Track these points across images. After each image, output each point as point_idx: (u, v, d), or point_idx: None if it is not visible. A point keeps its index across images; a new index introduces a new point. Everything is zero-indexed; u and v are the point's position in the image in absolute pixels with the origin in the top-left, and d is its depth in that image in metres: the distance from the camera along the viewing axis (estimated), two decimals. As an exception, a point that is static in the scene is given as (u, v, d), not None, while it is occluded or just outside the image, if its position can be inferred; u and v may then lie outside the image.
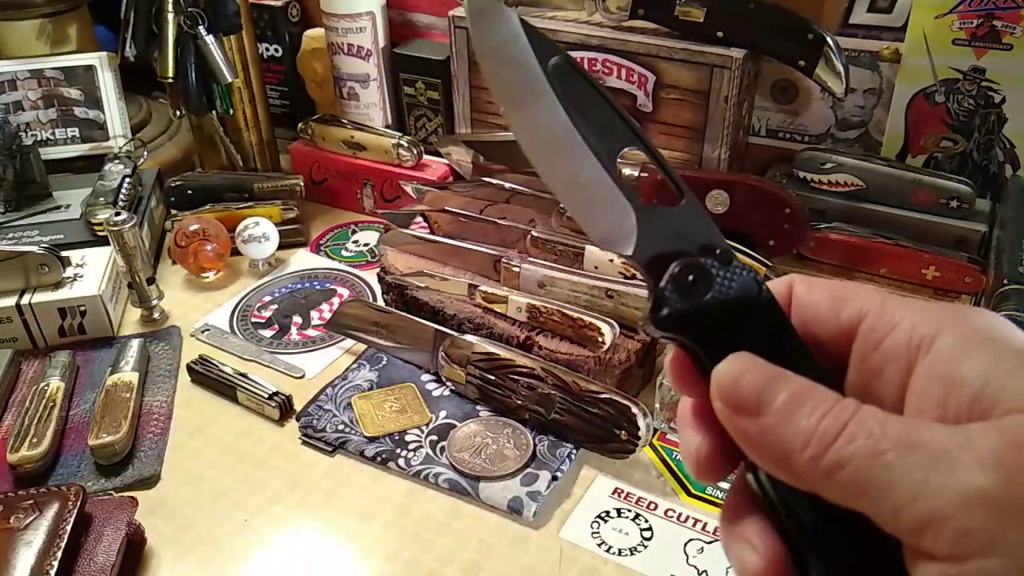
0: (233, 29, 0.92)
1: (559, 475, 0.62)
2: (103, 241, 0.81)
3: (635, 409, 0.60)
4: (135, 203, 0.89)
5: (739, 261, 0.24)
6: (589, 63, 0.83)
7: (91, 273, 0.79)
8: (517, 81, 0.25)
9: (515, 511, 0.60)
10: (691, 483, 0.63)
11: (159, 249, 0.93)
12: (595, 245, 0.25)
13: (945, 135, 0.78)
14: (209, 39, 0.90)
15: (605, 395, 0.61)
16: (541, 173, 0.26)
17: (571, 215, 0.25)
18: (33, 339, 0.78)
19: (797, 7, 0.76)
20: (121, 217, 0.76)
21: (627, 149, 0.27)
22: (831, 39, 0.74)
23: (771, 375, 0.22)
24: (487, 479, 0.62)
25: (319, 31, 1.01)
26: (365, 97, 0.98)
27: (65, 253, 0.79)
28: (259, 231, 0.86)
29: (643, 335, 0.68)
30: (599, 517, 0.60)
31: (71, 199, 0.91)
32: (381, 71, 0.97)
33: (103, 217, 0.81)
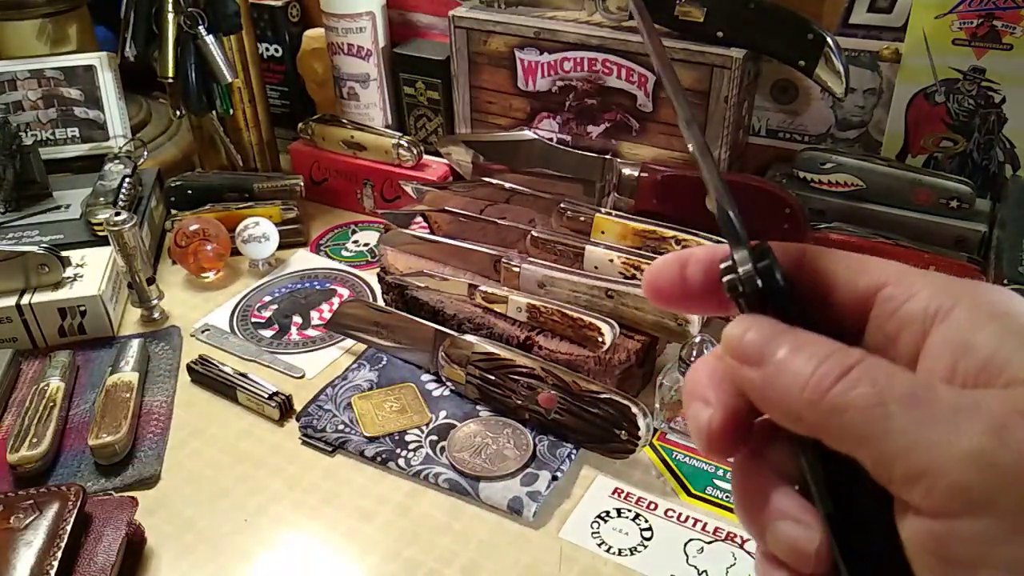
0: (233, 29, 0.92)
1: (559, 475, 0.62)
2: (103, 241, 0.81)
3: (635, 409, 0.60)
4: (135, 203, 0.90)
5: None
6: (589, 63, 0.83)
7: (91, 273, 0.79)
8: None
9: (515, 511, 0.60)
10: (691, 483, 0.63)
11: (159, 249, 0.93)
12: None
13: (945, 135, 0.78)
14: (209, 39, 0.90)
15: (605, 395, 0.61)
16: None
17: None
18: (33, 339, 0.78)
19: (797, 7, 0.76)
20: (121, 217, 0.77)
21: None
22: (831, 39, 0.74)
23: (777, 330, 0.22)
24: (487, 479, 0.62)
25: (319, 31, 1.01)
26: (365, 97, 0.98)
27: (65, 253, 0.79)
28: (259, 231, 0.86)
29: (644, 336, 0.68)
30: (599, 517, 0.60)
31: (71, 199, 0.91)
32: (381, 71, 0.97)
33: (103, 217, 0.81)
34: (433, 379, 0.72)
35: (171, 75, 0.90)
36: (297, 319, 0.81)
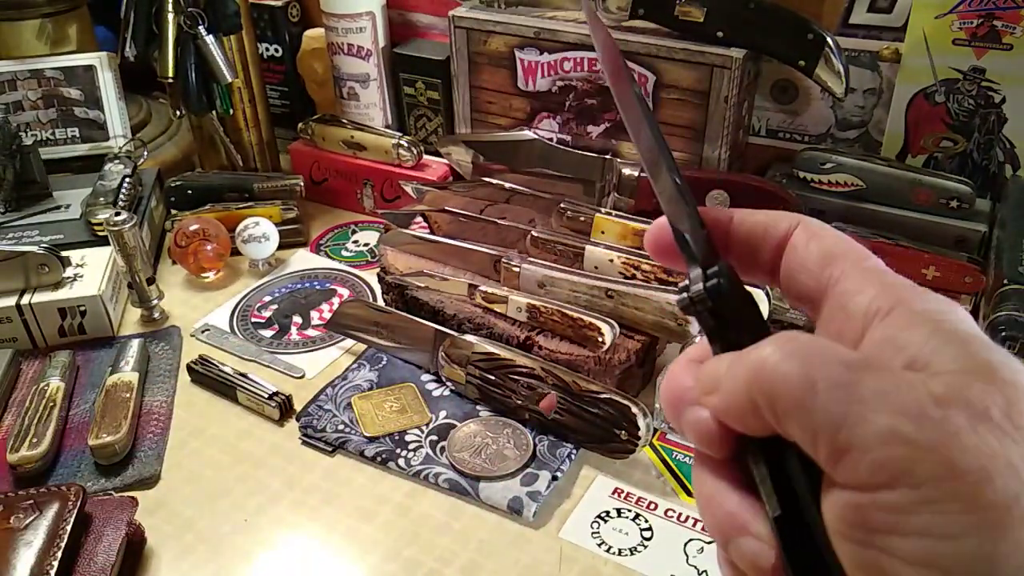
0: (233, 29, 0.92)
1: (559, 475, 0.62)
2: (103, 241, 0.81)
3: (635, 409, 0.60)
4: (135, 203, 0.90)
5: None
6: (589, 63, 0.83)
7: (91, 273, 0.79)
8: None
9: (515, 511, 0.60)
10: (691, 483, 0.62)
11: (159, 249, 0.93)
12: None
13: (945, 135, 0.78)
14: (209, 39, 0.90)
15: (605, 395, 0.61)
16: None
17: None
18: (33, 339, 0.78)
19: (797, 7, 0.76)
20: (121, 217, 0.77)
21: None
22: (831, 39, 0.74)
23: (726, 357, 0.24)
24: (487, 479, 0.62)
25: (319, 31, 1.01)
26: (365, 97, 0.98)
27: (65, 253, 0.79)
28: (259, 231, 0.86)
29: (644, 336, 0.68)
30: (599, 517, 0.60)
31: (71, 199, 0.91)
32: (381, 71, 0.97)
33: (103, 217, 0.81)
34: (433, 379, 0.72)
35: (171, 75, 0.90)
36: (297, 319, 0.81)
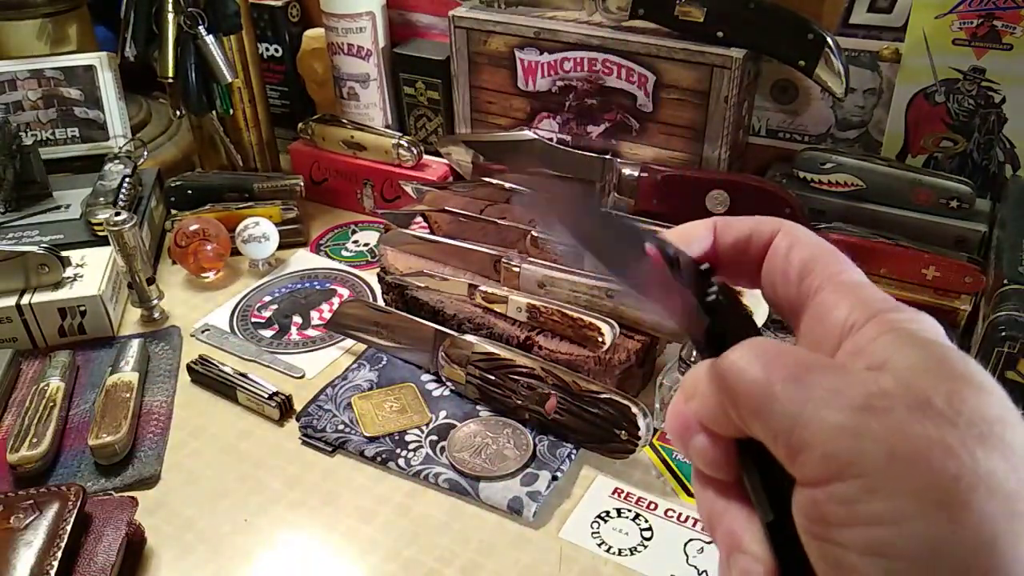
0: (233, 29, 0.92)
1: (559, 475, 0.62)
2: (103, 241, 0.81)
3: (635, 409, 0.60)
4: (135, 203, 0.90)
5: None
6: (589, 63, 0.83)
7: (91, 273, 0.79)
8: None
9: (515, 511, 0.60)
10: (691, 483, 0.62)
11: (159, 249, 0.93)
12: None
13: (945, 135, 0.78)
14: (209, 39, 0.90)
15: (605, 395, 0.61)
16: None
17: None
18: (33, 339, 0.78)
19: (797, 7, 0.76)
20: (121, 217, 0.76)
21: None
22: (831, 39, 0.74)
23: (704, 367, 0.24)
24: (487, 479, 0.62)
25: (319, 31, 1.01)
26: (365, 97, 0.98)
27: (65, 253, 0.79)
28: (259, 231, 0.86)
29: (644, 336, 0.68)
30: (599, 517, 0.60)
31: (71, 199, 0.91)
32: (381, 71, 0.97)
33: (103, 217, 0.81)
34: (433, 379, 0.72)
35: (171, 75, 0.90)
36: (297, 319, 0.81)
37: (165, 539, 0.60)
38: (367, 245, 0.93)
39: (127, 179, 0.89)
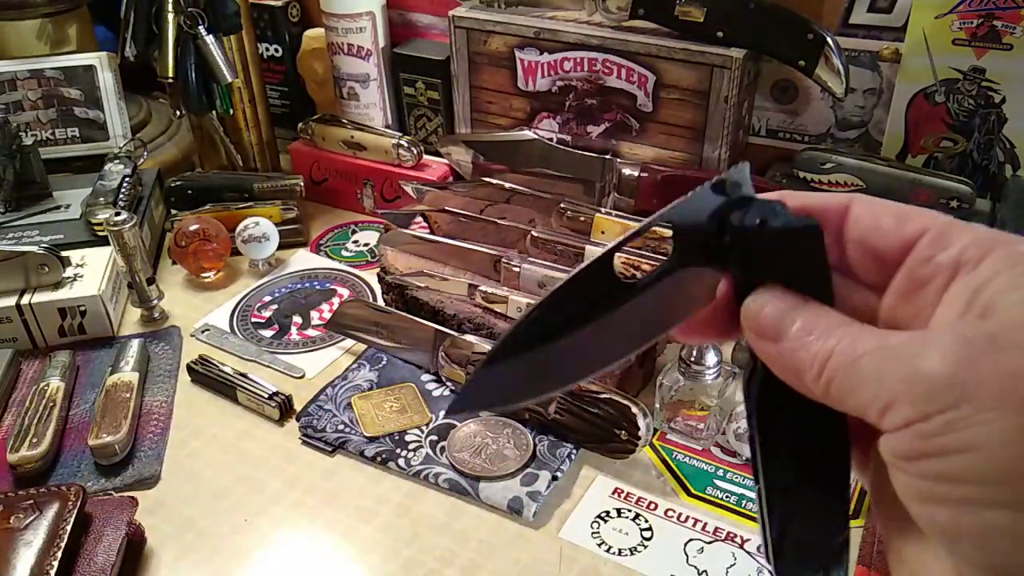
0: (233, 29, 0.92)
1: (559, 475, 0.62)
2: (103, 241, 0.81)
3: (635, 409, 0.60)
4: (135, 203, 0.89)
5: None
6: (589, 63, 0.83)
7: (91, 273, 0.79)
8: None
9: (515, 511, 0.60)
10: (691, 483, 0.63)
11: (159, 249, 0.93)
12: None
13: (945, 135, 0.78)
14: (209, 39, 0.90)
15: (605, 395, 0.61)
16: None
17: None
18: (33, 339, 0.78)
19: (797, 7, 0.76)
20: (121, 217, 0.76)
21: None
22: (831, 39, 0.74)
23: (790, 305, 0.25)
24: (487, 479, 0.62)
25: (319, 31, 1.01)
26: (365, 97, 0.98)
27: (65, 253, 0.79)
28: (259, 231, 0.86)
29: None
30: (599, 517, 0.60)
31: (71, 199, 0.91)
32: (381, 71, 0.97)
33: (103, 217, 0.81)
34: (433, 379, 0.72)
35: (171, 75, 0.90)
36: (297, 319, 0.81)
37: (165, 539, 0.60)
38: (367, 245, 0.93)
39: (127, 179, 0.89)
